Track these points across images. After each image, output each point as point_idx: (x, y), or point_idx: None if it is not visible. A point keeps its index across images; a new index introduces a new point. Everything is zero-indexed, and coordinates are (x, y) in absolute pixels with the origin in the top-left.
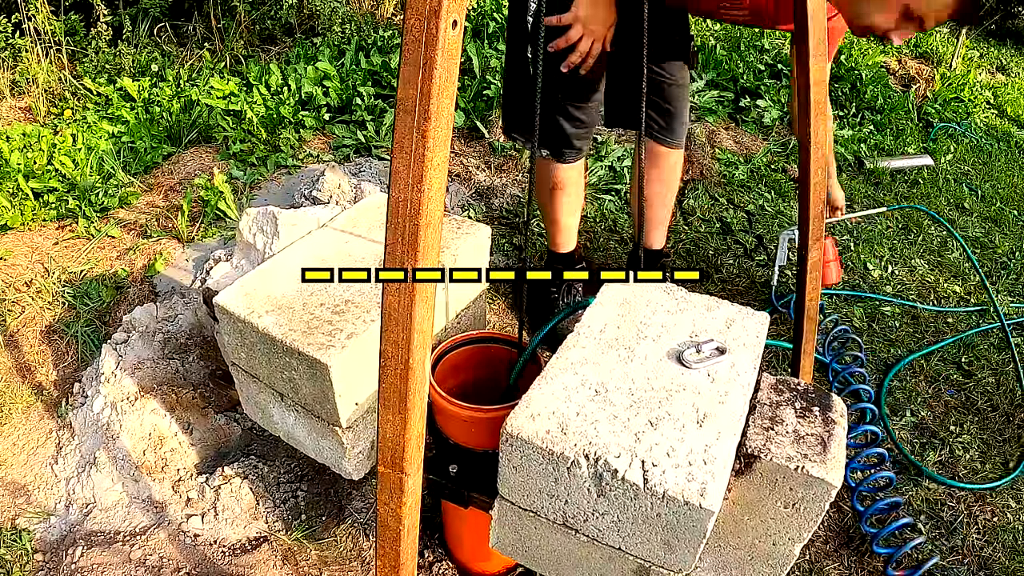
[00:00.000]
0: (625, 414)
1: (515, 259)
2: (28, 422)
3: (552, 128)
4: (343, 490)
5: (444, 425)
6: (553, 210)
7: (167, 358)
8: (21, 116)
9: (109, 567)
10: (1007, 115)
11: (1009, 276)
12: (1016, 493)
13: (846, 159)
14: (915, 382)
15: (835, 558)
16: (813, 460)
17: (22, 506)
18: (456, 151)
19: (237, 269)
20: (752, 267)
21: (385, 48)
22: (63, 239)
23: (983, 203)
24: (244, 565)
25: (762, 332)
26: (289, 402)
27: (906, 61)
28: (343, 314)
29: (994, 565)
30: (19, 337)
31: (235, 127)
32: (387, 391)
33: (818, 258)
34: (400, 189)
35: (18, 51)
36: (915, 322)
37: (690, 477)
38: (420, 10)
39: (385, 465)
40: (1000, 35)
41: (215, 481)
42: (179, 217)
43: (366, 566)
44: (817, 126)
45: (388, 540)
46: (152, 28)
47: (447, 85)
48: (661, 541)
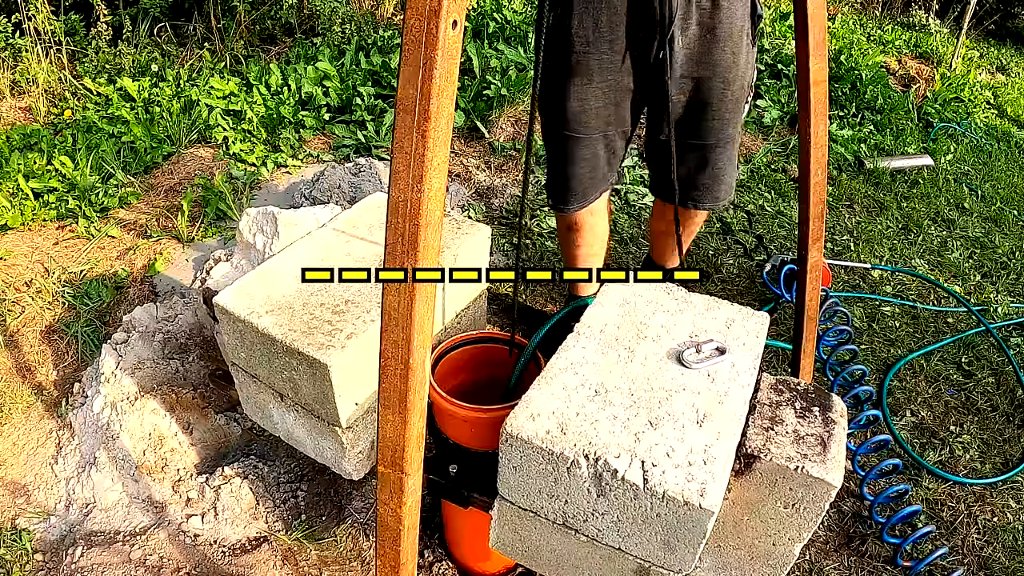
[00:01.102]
0: (625, 414)
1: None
2: (28, 422)
3: (557, 173)
4: (343, 490)
5: (444, 425)
6: (569, 251)
7: (167, 358)
8: (21, 116)
9: (109, 567)
10: (1007, 115)
11: (1009, 276)
12: (1016, 493)
13: (846, 159)
14: (915, 382)
15: (835, 558)
16: (813, 460)
17: (22, 506)
18: (456, 151)
19: (237, 269)
20: (752, 267)
21: (385, 48)
22: (63, 239)
23: (983, 203)
24: (244, 565)
25: (762, 332)
26: (289, 402)
27: (906, 61)
28: (343, 314)
29: (994, 565)
30: (19, 337)
31: (235, 127)
32: (387, 391)
33: (818, 258)
34: (400, 189)
35: (18, 51)
36: (915, 322)
37: (690, 477)
38: (420, 10)
39: (385, 465)
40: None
41: (215, 481)
42: (179, 217)
43: (366, 566)
44: (817, 126)
45: (388, 540)
46: (152, 28)
47: (447, 85)
48: (661, 541)
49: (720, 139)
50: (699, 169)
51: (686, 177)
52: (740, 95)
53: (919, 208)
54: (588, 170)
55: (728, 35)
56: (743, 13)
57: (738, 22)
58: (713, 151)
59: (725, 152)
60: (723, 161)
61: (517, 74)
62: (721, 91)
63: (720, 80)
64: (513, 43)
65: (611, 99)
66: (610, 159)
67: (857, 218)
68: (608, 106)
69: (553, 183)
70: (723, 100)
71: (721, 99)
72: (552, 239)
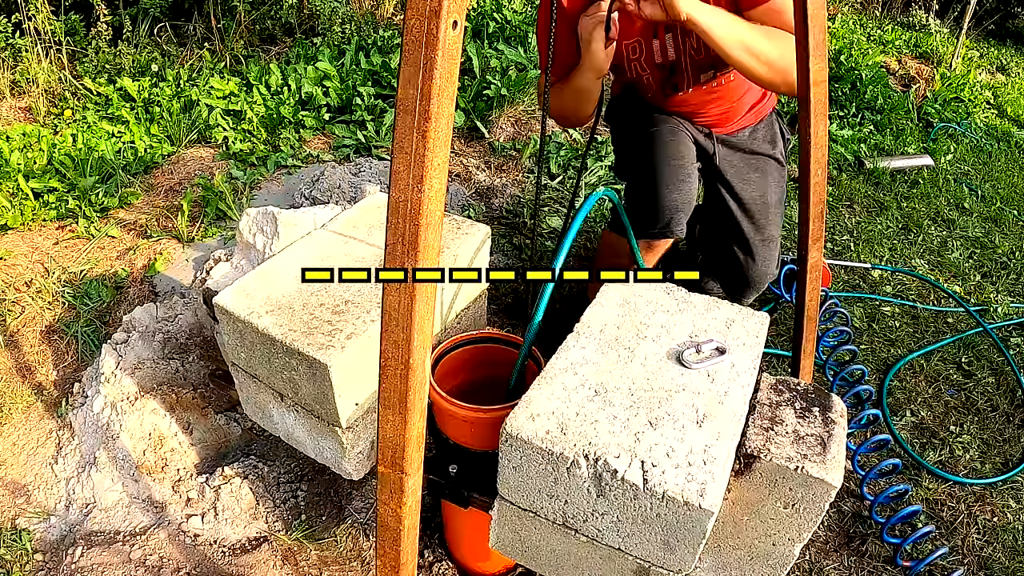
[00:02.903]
0: (625, 414)
1: (515, 259)
2: (28, 422)
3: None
4: (343, 490)
5: (444, 425)
6: (602, 266)
7: (167, 358)
8: (21, 116)
9: (109, 567)
10: (1007, 115)
11: (1009, 276)
12: (1016, 493)
13: (846, 159)
14: (915, 382)
15: (835, 558)
16: (813, 460)
17: (22, 506)
18: (456, 151)
19: (237, 269)
20: None
21: (385, 48)
22: (63, 239)
23: (983, 203)
24: (244, 565)
25: (762, 332)
26: (289, 402)
27: (906, 61)
28: (343, 314)
29: (994, 565)
30: (19, 337)
31: (235, 127)
32: (387, 391)
33: (818, 258)
34: (400, 189)
35: (18, 51)
36: (915, 322)
37: (690, 477)
38: (420, 10)
39: (385, 465)
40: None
41: (215, 481)
42: (179, 217)
43: (366, 566)
44: (817, 126)
45: (388, 540)
46: (152, 28)
47: (447, 85)
48: (661, 541)
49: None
50: (740, 264)
51: (734, 273)
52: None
53: (919, 208)
54: (690, 198)
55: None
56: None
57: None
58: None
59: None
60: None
61: (517, 74)
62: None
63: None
64: (513, 43)
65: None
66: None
67: (857, 218)
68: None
69: (652, 210)
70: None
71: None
72: (552, 239)
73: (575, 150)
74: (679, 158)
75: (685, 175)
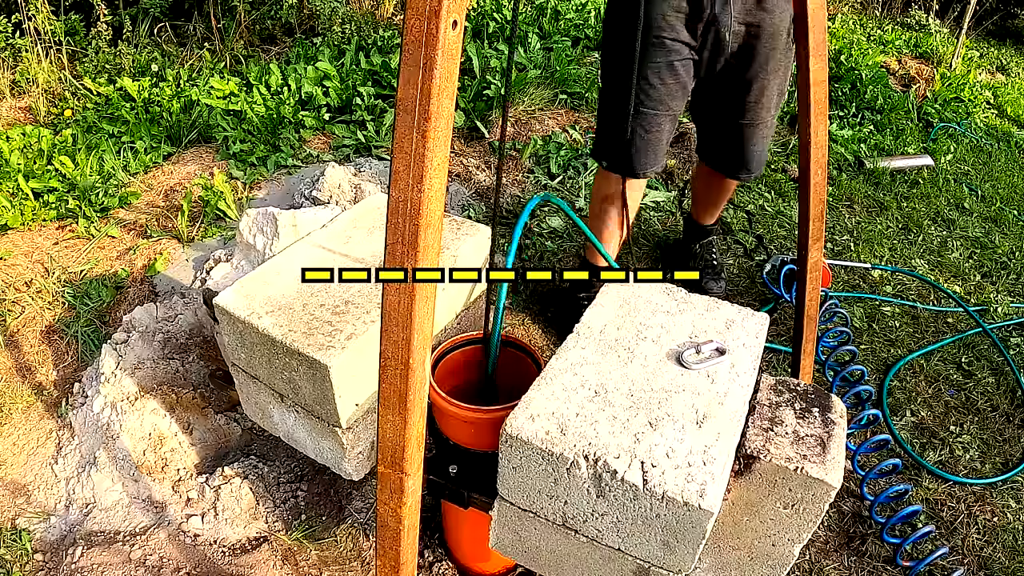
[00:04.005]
0: (624, 415)
1: (515, 259)
2: (28, 422)
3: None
4: (343, 490)
5: (444, 425)
6: (598, 226)
7: (167, 358)
8: (21, 116)
9: (109, 567)
10: (1007, 115)
11: (1009, 276)
12: (1016, 493)
13: (846, 159)
14: (915, 382)
15: (835, 558)
16: (812, 461)
17: (22, 506)
18: (456, 151)
19: (237, 269)
20: (752, 267)
21: (385, 48)
22: (63, 239)
23: (983, 203)
24: (244, 565)
25: (762, 333)
26: (289, 403)
27: (906, 61)
28: (343, 315)
29: (994, 565)
30: (19, 337)
31: (235, 127)
32: (387, 391)
33: (818, 258)
34: (400, 189)
35: (18, 51)
36: (915, 322)
37: (689, 478)
38: (420, 10)
39: (385, 465)
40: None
41: (215, 481)
42: (179, 217)
43: (366, 566)
44: (817, 126)
45: (388, 540)
46: (152, 28)
47: (447, 85)
48: (660, 542)
49: (759, 119)
50: (739, 145)
51: (729, 151)
52: (784, 75)
53: (919, 208)
54: (664, 140)
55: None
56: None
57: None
58: (754, 129)
59: (761, 132)
60: (760, 140)
61: (517, 74)
62: (769, 50)
63: (768, 34)
64: (513, 43)
65: (679, 77)
66: (668, 138)
67: (857, 218)
68: (677, 86)
69: (624, 149)
70: (769, 59)
71: (767, 59)
72: (552, 239)
73: (575, 150)
74: (656, 129)
75: (656, 140)
